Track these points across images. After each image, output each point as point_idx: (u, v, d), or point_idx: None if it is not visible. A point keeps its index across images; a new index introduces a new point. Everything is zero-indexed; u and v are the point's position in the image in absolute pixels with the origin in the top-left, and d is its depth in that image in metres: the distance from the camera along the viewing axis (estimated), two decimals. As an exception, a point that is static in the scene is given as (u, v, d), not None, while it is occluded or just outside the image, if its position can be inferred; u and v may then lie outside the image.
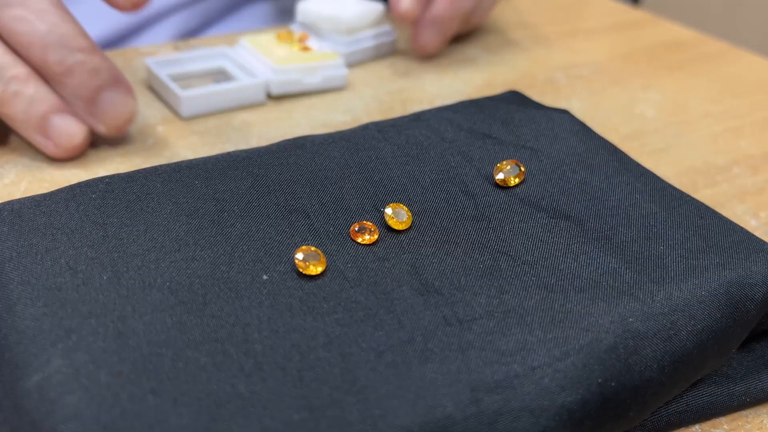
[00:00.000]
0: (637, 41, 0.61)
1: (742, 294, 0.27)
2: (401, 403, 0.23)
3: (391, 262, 0.28)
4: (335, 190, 0.31)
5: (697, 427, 0.29)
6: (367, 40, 0.52)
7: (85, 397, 0.22)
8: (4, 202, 0.29)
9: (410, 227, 0.30)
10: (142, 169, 0.31)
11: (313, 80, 0.48)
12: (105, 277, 0.26)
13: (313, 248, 0.27)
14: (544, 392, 0.23)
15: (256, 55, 0.48)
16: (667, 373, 0.26)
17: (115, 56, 0.52)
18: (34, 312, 0.25)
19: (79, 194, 0.29)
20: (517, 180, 0.32)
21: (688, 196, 0.32)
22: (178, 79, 0.48)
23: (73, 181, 0.36)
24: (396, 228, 0.29)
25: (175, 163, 0.32)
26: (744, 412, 0.30)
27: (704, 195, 0.42)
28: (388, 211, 0.30)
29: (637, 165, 0.34)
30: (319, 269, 0.27)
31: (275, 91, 0.47)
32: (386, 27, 0.54)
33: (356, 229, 0.29)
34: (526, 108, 0.38)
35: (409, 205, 0.31)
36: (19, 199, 0.30)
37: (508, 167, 0.32)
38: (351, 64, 0.52)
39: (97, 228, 0.28)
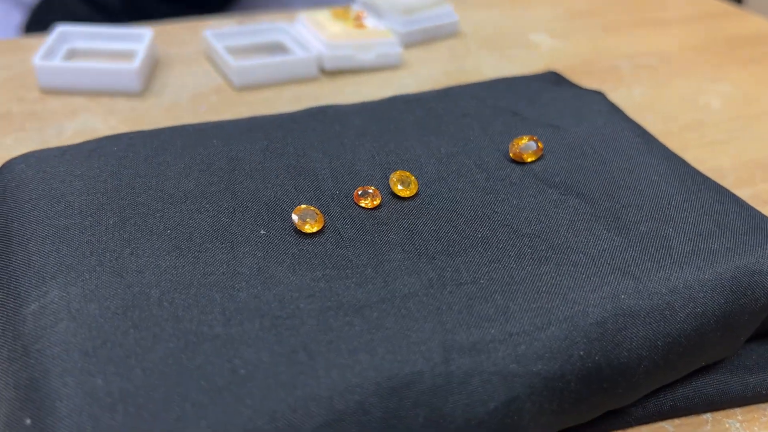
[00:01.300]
0: (714, 33, 0.59)
1: (752, 281, 0.26)
2: (371, 356, 0.23)
3: (390, 226, 0.28)
4: (348, 156, 0.32)
5: (708, 415, 0.28)
6: (426, 20, 0.53)
7: (72, 326, 0.23)
8: (35, 150, 0.31)
9: (416, 195, 0.30)
10: (167, 127, 0.33)
11: (366, 57, 0.48)
12: (111, 222, 0.27)
13: (312, 208, 0.28)
14: (519, 359, 0.23)
15: (311, 31, 0.49)
16: (660, 353, 0.25)
17: (181, 28, 0.55)
18: (42, 248, 0.26)
19: (102, 146, 0.31)
20: (533, 156, 0.32)
21: (713, 181, 0.31)
22: (236, 51, 0.49)
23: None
24: (401, 195, 0.30)
25: (200, 123, 0.33)
26: (762, 405, 0.28)
27: (762, 189, 0.40)
28: (394, 178, 0.30)
29: (664, 148, 0.33)
30: (316, 228, 0.28)
31: (328, 66, 0.48)
32: (447, 8, 0.54)
33: (359, 193, 0.29)
34: (559, 87, 0.37)
35: (419, 175, 0.31)
36: (49, 147, 0.31)
37: (525, 143, 0.32)
38: (409, 44, 0.52)
39: (113, 178, 0.29)
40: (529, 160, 0.32)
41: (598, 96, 0.37)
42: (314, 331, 0.24)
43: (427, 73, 0.50)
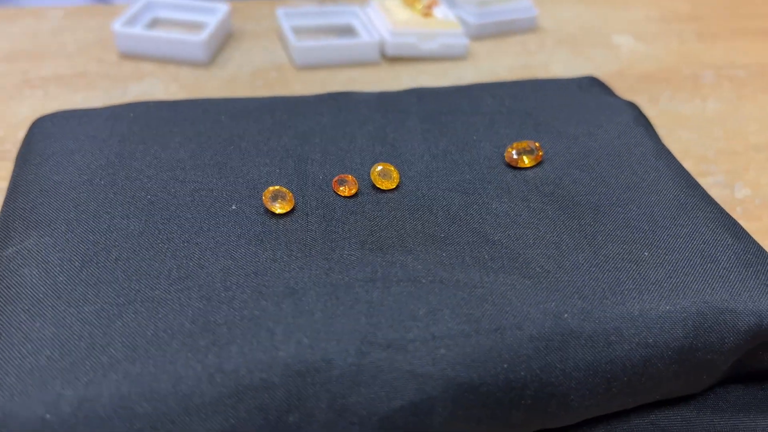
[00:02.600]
0: (826, 48, 0.54)
1: (720, 319, 0.24)
2: (288, 338, 0.23)
3: (358, 216, 0.28)
4: (344, 144, 0.32)
5: None
6: (502, 13, 0.52)
7: (34, 272, 0.25)
8: (65, 110, 0.34)
9: (396, 188, 0.30)
10: (184, 99, 0.34)
11: (430, 46, 0.48)
12: (102, 182, 0.29)
13: (284, 189, 0.29)
14: (436, 362, 0.23)
15: (379, 16, 0.49)
16: (601, 379, 0.24)
17: (261, 4, 0.56)
18: (36, 199, 0.29)
19: (120, 112, 0.33)
20: (531, 162, 0.31)
21: (721, 212, 0.29)
22: (308, 31, 0.50)
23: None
24: (380, 186, 0.30)
25: (216, 98, 0.35)
26: None
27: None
28: (376, 169, 0.30)
29: (678, 170, 0.31)
30: (284, 209, 0.28)
31: (390, 52, 0.48)
32: (526, 2, 0.52)
33: (337, 180, 0.30)
34: (590, 95, 0.36)
35: (407, 169, 0.31)
36: (77, 108, 0.34)
37: (524, 147, 0.31)
38: (481, 36, 0.52)
39: (119, 142, 0.31)
40: (523, 165, 0.31)
41: (629, 107, 0.35)
42: (243, 307, 0.24)
43: (489, 67, 0.49)
